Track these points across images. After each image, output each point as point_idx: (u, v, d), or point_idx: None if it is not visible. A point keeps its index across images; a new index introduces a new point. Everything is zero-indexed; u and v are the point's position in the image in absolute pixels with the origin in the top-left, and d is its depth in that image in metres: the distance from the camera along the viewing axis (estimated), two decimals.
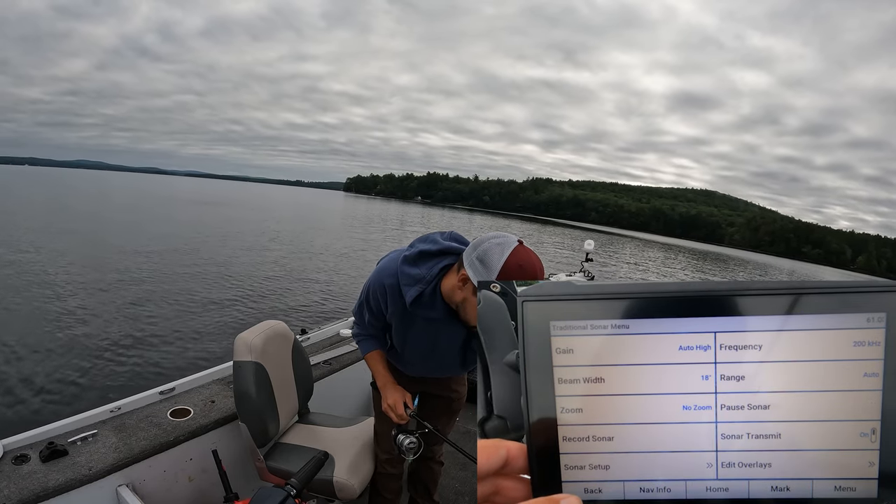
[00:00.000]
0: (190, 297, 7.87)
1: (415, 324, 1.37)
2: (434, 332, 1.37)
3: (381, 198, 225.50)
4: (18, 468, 1.37)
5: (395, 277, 1.30)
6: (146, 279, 8.86)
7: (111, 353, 5.21)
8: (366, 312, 1.46)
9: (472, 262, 1.10)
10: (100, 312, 6.57)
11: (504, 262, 1.05)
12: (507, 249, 1.06)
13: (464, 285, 1.16)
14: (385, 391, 1.48)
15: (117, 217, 21.20)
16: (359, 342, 1.57)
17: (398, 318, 1.39)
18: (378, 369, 1.53)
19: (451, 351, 1.44)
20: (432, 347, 1.43)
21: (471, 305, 1.15)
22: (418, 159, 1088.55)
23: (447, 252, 1.28)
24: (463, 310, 1.21)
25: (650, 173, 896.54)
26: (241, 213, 33.53)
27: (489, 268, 1.06)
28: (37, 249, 10.71)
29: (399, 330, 1.43)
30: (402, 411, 1.43)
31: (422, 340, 1.42)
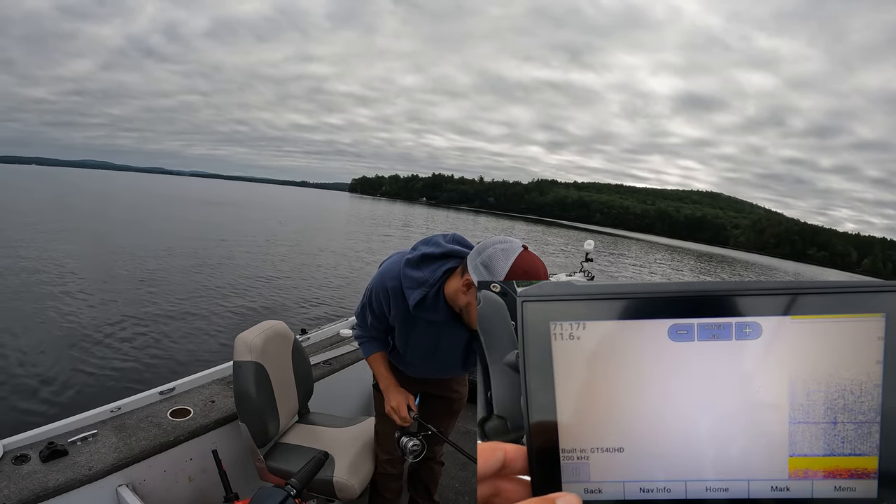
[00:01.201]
0: (190, 297, 7.87)
1: (417, 326, 1.38)
2: (436, 334, 1.37)
3: (385, 199, 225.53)
4: (18, 468, 1.37)
5: (397, 280, 1.30)
6: (147, 279, 8.85)
7: (111, 353, 5.21)
8: (368, 315, 1.46)
9: (476, 266, 1.10)
10: (100, 312, 6.57)
11: (510, 267, 1.04)
12: (512, 255, 1.06)
13: (468, 290, 1.16)
14: (388, 394, 1.49)
15: (121, 216, 21.25)
16: (361, 344, 1.57)
17: (401, 320, 1.39)
18: (381, 371, 1.53)
19: (453, 353, 1.44)
20: (434, 349, 1.43)
21: (475, 310, 1.16)
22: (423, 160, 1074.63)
23: (450, 255, 1.27)
24: (467, 314, 1.21)
25: (655, 175, 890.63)
26: (245, 212, 33.56)
27: (494, 273, 1.05)
28: (40, 249, 10.70)
29: (402, 332, 1.43)
30: (406, 414, 1.43)
31: (424, 342, 1.42)
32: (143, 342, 5.64)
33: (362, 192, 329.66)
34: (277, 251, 14.59)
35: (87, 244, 12.15)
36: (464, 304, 1.19)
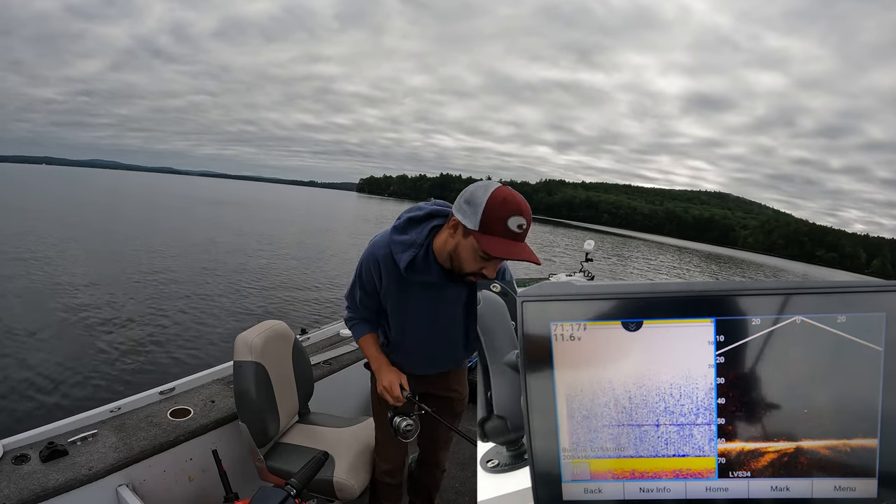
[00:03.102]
0: (190, 297, 7.87)
1: (412, 293, 1.35)
2: (434, 297, 1.35)
3: (393, 198, 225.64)
4: (18, 468, 1.37)
5: (387, 248, 1.31)
6: (147, 279, 8.85)
7: (111, 353, 5.21)
8: (358, 291, 1.44)
9: (460, 206, 1.14)
10: (101, 312, 6.57)
11: (489, 196, 1.08)
12: (491, 188, 1.10)
13: (455, 231, 1.18)
14: (380, 374, 1.45)
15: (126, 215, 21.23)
16: (351, 327, 1.55)
17: (395, 289, 1.36)
18: (371, 352, 1.50)
19: (453, 318, 1.40)
20: (435, 318, 1.39)
21: (464, 249, 1.16)
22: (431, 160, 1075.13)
23: (434, 214, 1.29)
24: (457, 258, 1.20)
25: (664, 175, 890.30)
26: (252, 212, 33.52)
27: (475, 205, 1.09)
28: (46, 248, 10.72)
29: (397, 306, 1.40)
30: (398, 393, 1.40)
31: (423, 311, 1.39)
32: (143, 342, 5.64)
33: (370, 191, 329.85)
34: (279, 251, 14.58)
35: (88, 245, 12.15)
36: (452, 247, 1.20)
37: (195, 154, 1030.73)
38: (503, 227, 1.07)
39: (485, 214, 1.07)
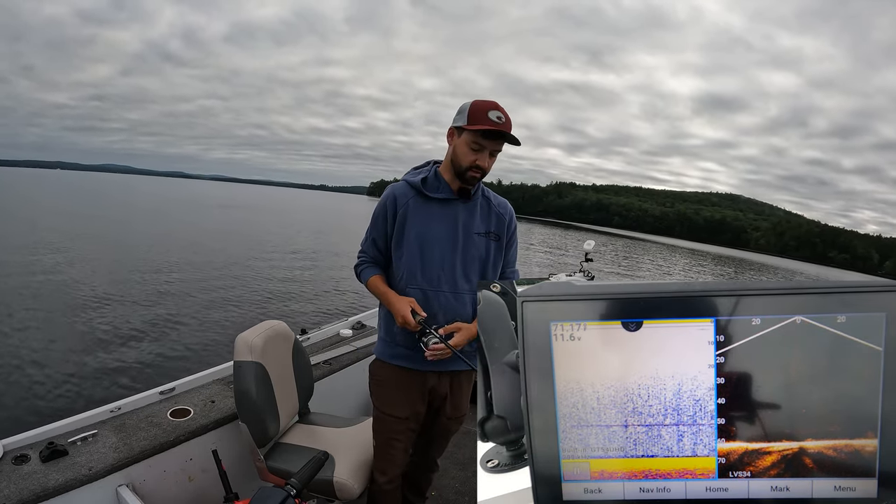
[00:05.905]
0: (191, 297, 7.87)
1: (432, 210, 1.50)
2: (452, 214, 1.50)
3: None
4: (18, 468, 1.37)
5: (402, 183, 1.56)
6: (147, 279, 8.85)
7: (112, 353, 5.21)
8: (372, 233, 1.58)
9: (453, 119, 1.44)
10: (101, 312, 6.57)
11: (472, 101, 1.40)
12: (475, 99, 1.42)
13: (451, 138, 1.47)
14: (392, 308, 1.49)
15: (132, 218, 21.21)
16: (360, 272, 1.62)
17: (413, 210, 1.50)
18: (381, 289, 1.55)
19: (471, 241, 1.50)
20: (454, 230, 1.49)
21: (459, 146, 1.42)
22: None
23: (434, 162, 1.59)
24: (456, 159, 1.44)
25: (675, 177, 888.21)
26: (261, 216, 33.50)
27: (462, 110, 1.41)
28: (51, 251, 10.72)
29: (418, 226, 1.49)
30: (412, 320, 1.42)
31: (445, 224, 1.49)
32: (143, 342, 5.64)
33: (381, 195, 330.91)
34: (280, 252, 14.59)
35: (89, 246, 12.16)
36: (451, 153, 1.46)
37: (206, 158, 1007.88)
38: (485, 116, 1.36)
39: (470, 112, 1.38)
